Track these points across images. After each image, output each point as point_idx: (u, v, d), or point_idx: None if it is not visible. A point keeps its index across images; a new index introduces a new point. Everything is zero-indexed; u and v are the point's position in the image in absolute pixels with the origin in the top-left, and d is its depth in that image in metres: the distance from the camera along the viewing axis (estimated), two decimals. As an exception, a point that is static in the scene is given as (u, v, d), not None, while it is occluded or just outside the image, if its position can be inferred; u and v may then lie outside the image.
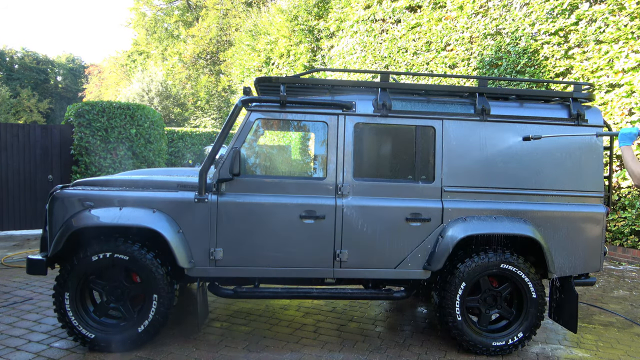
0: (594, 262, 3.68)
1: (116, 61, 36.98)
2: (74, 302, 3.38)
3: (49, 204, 3.42)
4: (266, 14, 18.15)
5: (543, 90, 5.63)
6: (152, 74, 25.90)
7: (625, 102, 6.95)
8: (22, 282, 5.21)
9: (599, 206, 3.67)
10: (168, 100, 25.48)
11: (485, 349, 3.57)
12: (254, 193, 3.48)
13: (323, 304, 4.74)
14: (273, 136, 3.77)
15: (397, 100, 3.63)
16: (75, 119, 8.33)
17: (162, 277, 3.38)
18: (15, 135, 8.10)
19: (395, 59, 11.13)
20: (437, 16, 10.18)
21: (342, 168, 3.52)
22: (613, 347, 3.87)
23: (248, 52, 18.02)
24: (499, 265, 3.51)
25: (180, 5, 31.28)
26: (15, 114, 36.77)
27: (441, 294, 3.59)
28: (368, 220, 3.50)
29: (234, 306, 4.59)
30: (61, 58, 48.28)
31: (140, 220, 3.33)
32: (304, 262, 3.50)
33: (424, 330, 4.11)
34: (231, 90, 22.13)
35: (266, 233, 3.46)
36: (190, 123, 25.48)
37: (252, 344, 3.68)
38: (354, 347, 3.71)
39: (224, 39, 25.16)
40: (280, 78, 3.55)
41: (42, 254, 3.50)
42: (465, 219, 3.54)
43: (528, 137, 3.35)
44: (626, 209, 7.02)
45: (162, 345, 3.59)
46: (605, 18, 7.18)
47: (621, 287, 5.78)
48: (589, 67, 7.43)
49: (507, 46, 8.68)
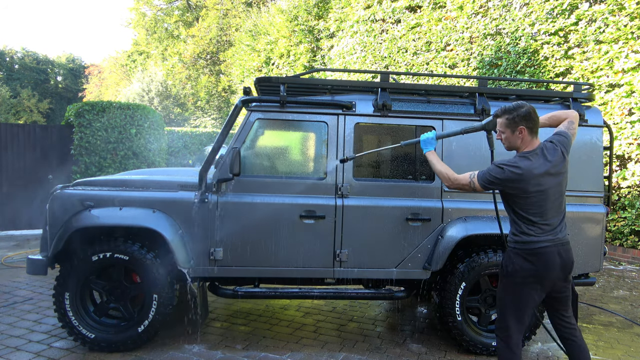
0: (594, 262, 3.68)
1: (116, 61, 36.96)
2: (74, 302, 3.38)
3: (49, 204, 3.42)
4: (266, 14, 18.15)
5: (543, 90, 5.63)
6: (152, 74, 25.91)
7: (625, 102, 6.95)
8: (22, 282, 5.21)
9: (599, 206, 3.67)
10: (168, 100, 25.48)
11: (485, 349, 3.57)
12: (254, 193, 3.48)
13: (323, 304, 4.74)
14: (273, 136, 3.77)
15: (397, 101, 3.63)
16: (75, 119, 8.33)
17: (162, 277, 3.38)
18: (15, 135, 8.11)
19: (395, 59, 11.13)
20: (437, 16, 10.19)
21: (342, 168, 3.52)
22: (613, 347, 3.87)
23: (248, 52, 18.02)
24: (499, 265, 3.51)
25: (180, 5, 31.28)
26: (15, 114, 36.76)
27: (441, 294, 3.59)
28: (368, 220, 3.50)
29: (234, 306, 4.59)
30: (61, 58, 48.26)
31: (141, 220, 3.33)
32: (304, 262, 3.50)
33: (424, 330, 4.12)
34: (231, 91, 22.13)
35: (266, 233, 3.46)
36: (190, 123, 25.47)
37: (252, 344, 3.68)
38: (354, 347, 3.71)
39: (224, 39, 25.15)
40: (280, 78, 3.55)
41: (42, 254, 3.49)
42: (465, 218, 3.54)
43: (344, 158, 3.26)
44: (626, 209, 7.02)
45: (162, 345, 3.59)
46: (605, 18, 7.18)
47: (621, 287, 5.78)
48: (588, 67, 7.43)
49: (507, 46, 8.68)
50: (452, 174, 2.74)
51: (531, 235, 2.49)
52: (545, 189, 2.47)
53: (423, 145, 2.93)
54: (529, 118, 2.52)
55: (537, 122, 2.56)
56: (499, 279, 2.66)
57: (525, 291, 2.51)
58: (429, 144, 2.91)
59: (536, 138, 2.57)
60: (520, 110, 2.52)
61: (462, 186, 2.69)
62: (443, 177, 2.78)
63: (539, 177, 2.47)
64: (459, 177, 2.70)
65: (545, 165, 2.48)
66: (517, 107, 2.54)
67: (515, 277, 2.51)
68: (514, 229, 2.57)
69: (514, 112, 2.53)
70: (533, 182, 2.45)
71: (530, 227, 2.49)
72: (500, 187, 2.55)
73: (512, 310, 2.54)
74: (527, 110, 2.52)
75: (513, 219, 2.58)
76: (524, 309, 2.53)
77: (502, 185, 2.52)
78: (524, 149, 2.56)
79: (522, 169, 2.46)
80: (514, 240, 2.55)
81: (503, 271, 2.60)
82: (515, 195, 2.51)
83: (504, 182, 2.50)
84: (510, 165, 2.48)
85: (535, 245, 2.47)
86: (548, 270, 2.47)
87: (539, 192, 2.46)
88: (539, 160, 2.49)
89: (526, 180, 2.45)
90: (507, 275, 2.55)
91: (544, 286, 2.51)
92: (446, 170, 2.76)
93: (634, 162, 6.95)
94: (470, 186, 2.64)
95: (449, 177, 2.73)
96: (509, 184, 2.49)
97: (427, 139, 2.92)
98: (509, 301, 2.55)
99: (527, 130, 2.52)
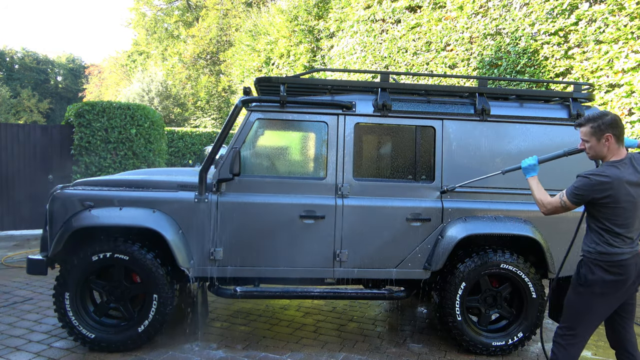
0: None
1: (116, 61, 36.96)
2: (74, 302, 3.38)
3: (49, 204, 3.42)
4: (266, 14, 18.15)
5: (543, 90, 5.65)
6: (152, 74, 25.89)
7: (625, 102, 6.95)
8: (22, 282, 5.21)
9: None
10: (168, 100, 25.47)
11: (485, 349, 3.57)
12: (254, 193, 3.48)
13: (323, 304, 4.74)
14: (273, 136, 3.77)
15: (397, 101, 3.63)
16: (75, 119, 8.33)
17: (162, 277, 3.38)
18: (16, 135, 8.10)
19: (395, 59, 11.13)
20: (437, 16, 10.19)
21: (342, 168, 3.52)
22: (613, 347, 3.87)
23: (248, 52, 18.02)
24: (499, 265, 3.51)
25: (180, 5, 31.28)
26: (15, 114, 36.76)
27: (441, 294, 3.59)
28: (368, 220, 3.50)
29: (234, 306, 4.59)
30: (61, 58, 48.27)
31: (140, 220, 3.33)
32: (304, 262, 3.51)
33: (424, 330, 4.12)
34: (231, 91, 22.13)
35: (266, 233, 3.46)
36: (190, 123, 25.47)
37: (252, 344, 3.68)
38: (354, 347, 3.71)
39: (224, 39, 25.15)
40: (280, 78, 3.56)
41: (42, 254, 3.50)
42: (465, 219, 3.54)
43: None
44: (626, 209, 7.01)
45: (162, 345, 3.59)
46: (605, 18, 7.18)
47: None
48: (588, 67, 7.43)
49: (507, 46, 8.68)
50: (546, 199, 2.65)
51: (615, 247, 2.45)
52: (636, 201, 2.43)
53: (525, 172, 2.84)
54: (615, 125, 2.47)
55: (623, 130, 2.51)
56: (572, 287, 2.62)
57: (603, 301, 2.50)
58: (532, 170, 2.82)
59: (623, 147, 2.51)
60: (606, 118, 2.47)
61: (556, 209, 2.61)
62: (538, 204, 2.70)
63: (629, 186, 2.41)
64: (551, 201, 2.63)
65: (635, 175, 2.44)
66: (602, 115, 2.49)
67: (594, 287, 2.49)
68: (597, 239, 2.51)
69: (599, 120, 2.48)
70: (623, 191, 2.40)
71: (615, 239, 2.45)
72: (589, 198, 2.47)
73: (585, 319, 2.53)
74: (613, 117, 2.48)
75: (596, 230, 2.52)
76: (598, 318, 2.54)
77: (590, 194, 2.45)
78: (610, 157, 2.50)
79: (611, 177, 2.40)
80: (596, 250, 2.50)
81: (581, 280, 2.56)
82: (604, 205, 2.44)
83: (592, 191, 2.44)
84: (597, 175, 2.43)
85: (619, 257, 2.44)
86: (628, 282, 2.47)
87: (628, 202, 2.41)
88: (628, 169, 2.44)
89: (616, 188, 2.40)
90: (586, 285, 2.52)
91: (620, 297, 2.51)
92: (542, 198, 2.68)
93: (634, 162, 6.94)
94: (562, 206, 2.57)
95: (543, 204, 2.66)
96: (598, 194, 2.43)
97: (529, 166, 2.83)
98: (584, 310, 2.53)
99: (613, 138, 2.47)
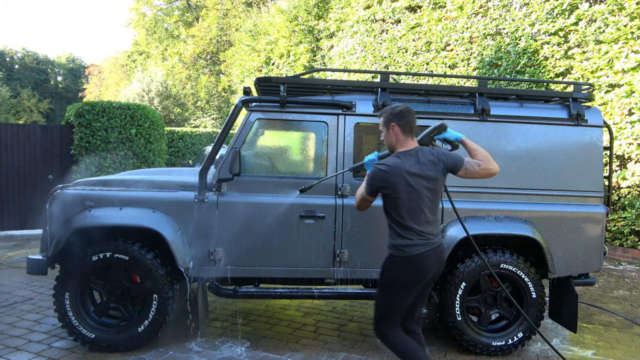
0: (594, 262, 3.68)
1: (116, 61, 36.97)
2: (74, 302, 3.38)
3: (49, 204, 3.42)
4: (266, 14, 18.15)
5: (543, 90, 5.64)
6: (152, 74, 25.87)
7: (625, 102, 6.95)
8: (22, 282, 5.21)
9: (599, 206, 3.67)
10: (168, 100, 25.46)
11: (485, 349, 3.57)
12: (254, 193, 3.48)
13: (323, 304, 4.74)
14: (273, 136, 3.77)
15: (397, 101, 3.62)
16: (75, 119, 8.33)
17: (162, 277, 3.38)
18: (15, 135, 8.10)
19: (395, 59, 11.13)
20: (437, 16, 10.19)
21: (342, 168, 3.52)
22: (613, 347, 3.87)
23: (248, 52, 18.02)
24: (498, 265, 3.51)
25: (180, 5, 31.28)
26: (15, 114, 36.78)
27: (441, 294, 3.59)
28: (368, 220, 3.50)
29: (234, 306, 4.59)
30: (61, 58, 48.27)
31: (140, 220, 3.33)
32: (304, 262, 3.50)
33: (424, 331, 4.10)
34: (231, 91, 22.13)
35: (266, 233, 3.46)
36: (190, 123, 25.47)
37: (252, 344, 3.68)
38: (354, 347, 3.71)
39: (224, 39, 25.16)
40: (280, 78, 3.56)
41: (42, 254, 3.49)
42: (465, 219, 3.54)
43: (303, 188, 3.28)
44: (626, 209, 7.02)
45: (162, 345, 3.59)
46: (605, 18, 7.18)
47: (621, 287, 5.78)
48: (588, 67, 7.43)
49: (507, 46, 8.68)
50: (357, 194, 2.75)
51: (406, 239, 2.51)
52: (418, 191, 2.49)
53: (366, 167, 2.88)
54: (401, 116, 2.56)
55: (412, 122, 2.58)
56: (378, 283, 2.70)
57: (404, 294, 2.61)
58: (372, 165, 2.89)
59: (411, 139, 2.60)
60: (395, 109, 2.59)
61: (361, 202, 2.71)
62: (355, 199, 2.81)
63: (408, 176, 2.47)
64: (356, 194, 2.74)
65: (416, 166, 2.50)
66: (394, 107, 2.61)
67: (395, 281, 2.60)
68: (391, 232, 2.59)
69: (389, 111, 2.60)
70: (402, 181, 2.47)
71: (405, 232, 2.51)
72: (375, 187, 2.55)
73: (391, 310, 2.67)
74: (401, 109, 2.58)
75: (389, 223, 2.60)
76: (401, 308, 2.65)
77: (375, 184, 2.54)
78: (399, 148, 2.60)
79: (390, 166, 2.49)
80: (391, 244, 2.57)
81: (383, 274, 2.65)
82: (387, 196, 2.52)
83: (376, 180, 2.53)
84: (379, 164, 2.53)
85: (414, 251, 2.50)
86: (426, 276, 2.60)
87: (409, 192, 2.47)
88: (410, 160, 2.52)
89: (394, 178, 2.47)
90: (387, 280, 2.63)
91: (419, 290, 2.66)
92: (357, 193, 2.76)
93: (634, 162, 6.95)
94: (362, 197, 2.67)
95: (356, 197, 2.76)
96: (380, 183, 2.52)
97: (369, 161, 2.87)
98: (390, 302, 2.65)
99: (398, 128, 2.57)
